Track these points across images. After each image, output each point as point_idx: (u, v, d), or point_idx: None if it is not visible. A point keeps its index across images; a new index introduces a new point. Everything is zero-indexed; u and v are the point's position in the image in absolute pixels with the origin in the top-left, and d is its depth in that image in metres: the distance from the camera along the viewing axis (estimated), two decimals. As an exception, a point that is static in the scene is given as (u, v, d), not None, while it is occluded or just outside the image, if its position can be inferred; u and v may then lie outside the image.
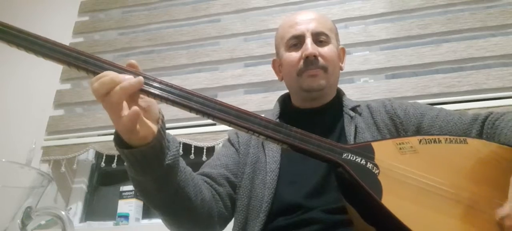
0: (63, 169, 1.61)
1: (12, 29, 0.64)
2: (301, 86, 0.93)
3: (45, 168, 1.62)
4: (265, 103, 1.55)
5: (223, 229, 0.89)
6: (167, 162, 0.65)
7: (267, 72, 1.62)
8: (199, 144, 1.51)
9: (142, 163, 0.63)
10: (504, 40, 1.46)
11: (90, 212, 1.71)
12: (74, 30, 1.96)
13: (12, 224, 0.54)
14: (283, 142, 0.63)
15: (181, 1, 1.93)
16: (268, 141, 0.66)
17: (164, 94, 0.61)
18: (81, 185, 1.73)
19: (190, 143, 1.51)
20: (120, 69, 0.61)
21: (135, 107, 0.57)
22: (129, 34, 1.91)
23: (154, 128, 0.62)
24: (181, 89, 0.62)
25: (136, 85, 0.58)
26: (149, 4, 1.97)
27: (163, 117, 0.66)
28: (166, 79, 1.95)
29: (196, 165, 0.93)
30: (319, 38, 0.93)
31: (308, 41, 0.91)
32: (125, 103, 0.58)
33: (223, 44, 1.80)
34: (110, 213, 1.58)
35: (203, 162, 0.99)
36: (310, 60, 0.90)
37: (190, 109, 0.62)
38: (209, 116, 0.62)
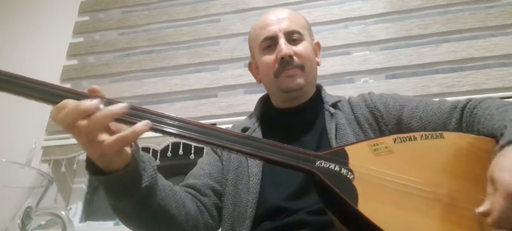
0: (63, 169, 1.61)
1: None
2: (279, 88, 0.92)
3: (45, 168, 1.62)
4: (265, 103, 1.54)
5: None
6: (144, 184, 0.63)
7: (267, 72, 1.62)
8: (199, 144, 1.51)
9: (118, 189, 0.61)
10: (504, 40, 1.46)
11: (90, 212, 1.71)
12: (74, 30, 1.96)
13: (12, 224, 0.54)
14: (254, 155, 0.62)
15: (181, 1, 1.93)
16: (238, 155, 0.65)
17: (131, 119, 0.57)
18: (81, 185, 1.73)
19: (190, 143, 1.51)
20: (79, 96, 0.57)
21: (123, 130, 0.54)
22: (129, 34, 1.91)
23: (128, 150, 0.59)
24: (145, 110, 0.59)
25: (124, 110, 0.55)
26: (149, 4, 1.97)
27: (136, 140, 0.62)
28: (166, 79, 1.94)
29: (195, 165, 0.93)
30: (292, 37, 0.92)
31: (282, 41, 0.90)
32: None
33: (223, 44, 1.80)
34: (110, 213, 1.56)
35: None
36: (285, 61, 0.89)
37: (154, 130, 0.58)
38: (175, 135, 0.59)
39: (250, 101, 1.58)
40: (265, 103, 1.02)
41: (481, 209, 0.55)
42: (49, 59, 1.86)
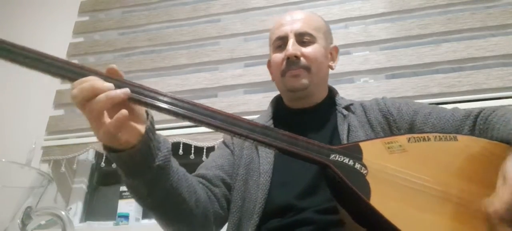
0: (63, 169, 1.61)
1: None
2: (285, 87, 0.95)
3: (45, 168, 1.62)
4: (265, 104, 1.54)
5: (220, 229, 0.88)
6: (157, 164, 0.64)
7: (267, 72, 1.61)
8: (199, 144, 1.51)
9: (131, 166, 0.62)
10: (504, 40, 1.46)
11: (90, 212, 1.71)
12: (74, 30, 1.96)
13: (12, 224, 0.54)
14: (270, 145, 0.63)
15: (181, 1, 1.93)
16: (255, 144, 0.66)
17: (151, 101, 0.60)
18: (81, 185, 1.73)
19: (190, 143, 1.51)
20: (103, 76, 0.59)
21: (123, 111, 0.55)
22: (129, 34, 1.91)
23: (141, 129, 0.61)
24: (167, 95, 0.61)
25: (122, 96, 0.57)
26: (149, 4, 1.97)
27: (152, 117, 0.64)
28: (166, 79, 1.94)
29: (196, 165, 0.93)
30: (303, 39, 0.94)
31: (290, 42, 0.92)
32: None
33: (223, 44, 1.80)
34: (110, 213, 1.58)
35: (204, 162, 0.99)
36: (291, 61, 0.91)
37: (176, 115, 0.61)
38: (195, 120, 0.61)
39: (250, 101, 1.58)
40: (277, 103, 1.04)
41: (491, 208, 0.56)
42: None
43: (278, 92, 1.07)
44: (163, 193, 0.69)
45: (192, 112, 0.61)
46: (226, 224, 0.88)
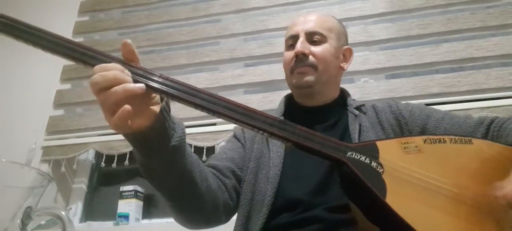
0: (63, 169, 1.61)
1: (18, 23, 0.65)
2: (292, 83, 0.97)
3: (45, 168, 1.62)
4: (265, 103, 1.55)
5: (229, 220, 0.89)
6: (173, 144, 0.64)
7: (267, 72, 1.62)
8: (199, 144, 1.51)
9: (145, 146, 0.62)
10: (504, 40, 1.46)
11: (90, 212, 1.71)
12: (74, 30, 1.96)
13: (12, 224, 0.53)
14: (288, 139, 0.63)
15: (181, 1, 1.93)
16: (272, 138, 0.67)
17: (170, 90, 0.60)
18: (81, 185, 1.73)
19: (190, 143, 1.51)
20: (124, 64, 0.59)
21: (126, 107, 0.55)
22: (129, 34, 1.91)
23: (156, 108, 0.60)
24: (187, 85, 0.61)
25: (139, 91, 0.56)
26: (149, 4, 1.97)
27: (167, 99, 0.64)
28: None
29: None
30: (313, 38, 0.96)
31: (300, 40, 0.95)
32: None
33: (223, 44, 1.80)
34: (110, 213, 1.58)
35: (203, 162, 0.99)
36: (299, 58, 0.94)
37: (196, 106, 0.61)
38: (215, 113, 0.61)
39: (250, 101, 1.58)
40: (289, 101, 1.04)
41: (501, 191, 0.57)
42: (49, 59, 1.86)
43: (279, 92, 1.07)
44: (177, 174, 0.69)
45: (212, 104, 0.61)
46: (235, 217, 0.89)
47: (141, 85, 0.57)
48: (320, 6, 1.73)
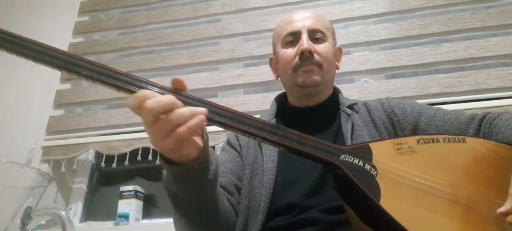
0: (63, 169, 1.61)
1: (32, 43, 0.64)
2: (295, 82, 0.93)
3: (45, 168, 1.62)
4: (265, 103, 1.55)
5: None
6: (209, 177, 0.64)
7: (267, 72, 1.61)
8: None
9: (187, 178, 0.62)
10: (504, 40, 1.46)
11: (90, 212, 1.71)
12: (74, 30, 1.96)
13: (12, 224, 0.53)
14: (279, 144, 0.62)
15: (181, 1, 1.93)
16: (264, 143, 0.66)
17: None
18: (81, 185, 1.73)
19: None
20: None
21: (182, 129, 0.53)
22: (129, 34, 1.91)
23: (200, 142, 0.59)
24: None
25: (199, 132, 0.56)
26: (149, 4, 1.97)
27: (206, 129, 0.64)
28: (166, 79, 1.94)
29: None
30: (315, 36, 0.94)
31: (304, 37, 0.92)
32: None
33: (223, 44, 1.80)
34: (110, 213, 1.58)
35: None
36: (305, 56, 0.90)
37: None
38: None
39: (250, 101, 1.58)
40: (281, 102, 1.02)
41: (502, 209, 0.56)
42: (49, 59, 1.86)
43: (279, 92, 1.06)
44: (204, 204, 0.69)
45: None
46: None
47: (205, 110, 0.56)
48: (320, 6, 1.73)
